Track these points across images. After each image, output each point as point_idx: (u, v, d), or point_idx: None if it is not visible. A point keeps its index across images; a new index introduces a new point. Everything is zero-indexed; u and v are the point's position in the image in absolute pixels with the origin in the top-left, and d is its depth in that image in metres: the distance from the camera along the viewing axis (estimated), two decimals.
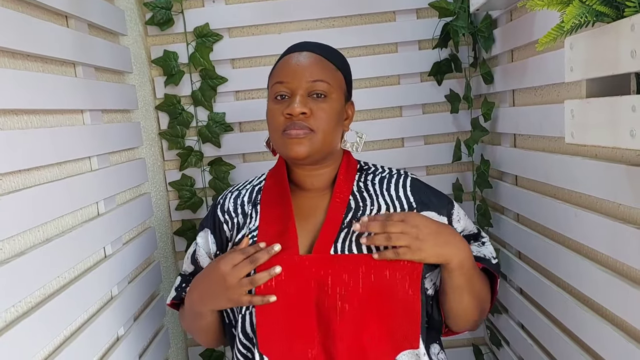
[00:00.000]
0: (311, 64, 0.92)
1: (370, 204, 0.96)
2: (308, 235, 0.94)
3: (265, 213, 0.98)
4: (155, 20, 1.44)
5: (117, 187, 1.16)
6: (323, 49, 0.97)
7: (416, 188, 1.01)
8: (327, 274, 0.89)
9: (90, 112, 1.06)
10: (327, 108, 0.91)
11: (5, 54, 0.80)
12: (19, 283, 0.75)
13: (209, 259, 1.03)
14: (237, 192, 1.05)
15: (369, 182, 1.01)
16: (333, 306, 0.87)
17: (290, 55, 0.94)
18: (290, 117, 0.89)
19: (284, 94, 0.92)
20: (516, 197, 1.25)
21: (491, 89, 1.38)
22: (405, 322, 0.90)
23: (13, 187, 0.79)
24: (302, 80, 0.90)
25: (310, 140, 0.90)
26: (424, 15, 1.49)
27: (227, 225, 1.01)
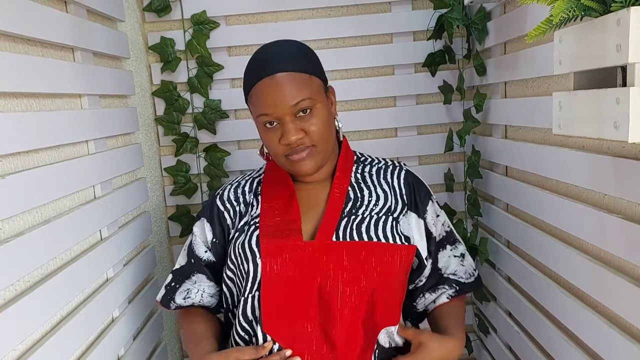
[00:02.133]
0: (288, 87, 0.91)
1: (368, 195, 1.02)
2: (310, 224, 0.99)
3: (267, 203, 1.02)
4: (152, 7, 1.44)
5: (114, 171, 1.17)
6: (292, 61, 0.93)
7: (408, 182, 1.08)
8: (329, 260, 0.93)
9: (88, 96, 1.07)
10: (317, 121, 0.94)
11: (6, 37, 0.81)
12: (18, 263, 0.77)
13: (204, 247, 1.06)
14: (237, 184, 1.09)
15: (367, 174, 1.06)
16: (335, 290, 0.92)
17: (262, 83, 0.92)
18: (288, 145, 0.93)
19: (272, 121, 0.94)
20: (506, 187, 1.28)
21: (484, 81, 1.40)
22: (395, 302, 0.97)
23: (13, 168, 0.80)
24: (285, 107, 0.91)
25: (313, 155, 0.95)
26: (419, 7, 1.51)
27: (229, 214, 1.05)
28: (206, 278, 1.07)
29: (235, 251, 0.99)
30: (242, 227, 1.01)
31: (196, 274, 1.07)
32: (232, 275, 1.02)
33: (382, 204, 1.01)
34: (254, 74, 0.95)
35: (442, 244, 1.09)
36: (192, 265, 1.07)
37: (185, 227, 1.55)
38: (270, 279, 0.93)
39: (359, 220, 0.97)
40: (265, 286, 0.92)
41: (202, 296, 1.06)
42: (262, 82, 0.92)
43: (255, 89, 0.93)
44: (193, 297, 1.06)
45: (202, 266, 1.06)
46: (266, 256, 0.93)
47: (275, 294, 0.92)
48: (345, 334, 0.91)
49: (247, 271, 0.96)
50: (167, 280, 1.09)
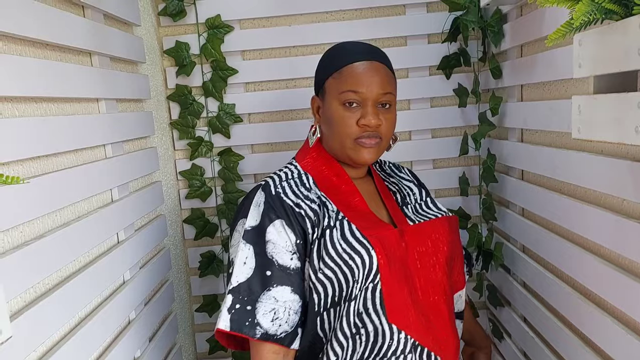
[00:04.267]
0: (382, 77, 0.97)
1: (401, 189, 1.12)
2: (380, 214, 1.02)
3: (335, 198, 0.98)
4: (168, 11, 1.45)
5: (130, 174, 1.18)
6: (384, 58, 1.01)
7: (414, 175, 1.21)
8: (416, 243, 0.98)
9: (105, 101, 1.08)
10: (392, 117, 1.00)
11: (26, 42, 0.83)
12: (38, 265, 0.78)
13: (289, 253, 0.91)
14: (286, 184, 0.97)
15: (384, 173, 1.16)
16: (427, 268, 0.97)
17: (360, 64, 0.97)
18: (365, 127, 0.95)
19: (354, 102, 0.96)
20: (522, 191, 1.27)
21: (499, 84, 1.39)
22: (460, 266, 1.07)
23: (33, 172, 0.81)
24: (375, 92, 0.95)
25: (378, 147, 0.98)
26: (434, 9, 1.50)
27: (306, 213, 0.93)
28: (290, 291, 0.90)
29: (336, 247, 0.90)
30: (329, 224, 0.92)
31: (275, 287, 0.90)
32: (332, 274, 0.90)
33: (417, 192, 1.12)
34: (348, 56, 0.98)
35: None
36: (270, 278, 0.90)
37: (200, 229, 1.56)
38: (385, 269, 0.90)
39: (413, 207, 1.07)
40: (383, 276, 0.90)
41: (289, 315, 0.90)
42: (362, 63, 0.97)
43: (351, 67, 0.97)
44: (282, 317, 0.89)
45: (287, 276, 0.90)
46: (377, 246, 0.91)
47: (391, 284, 0.91)
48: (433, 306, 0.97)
49: (359, 265, 0.89)
50: (228, 303, 0.89)
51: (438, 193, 1.59)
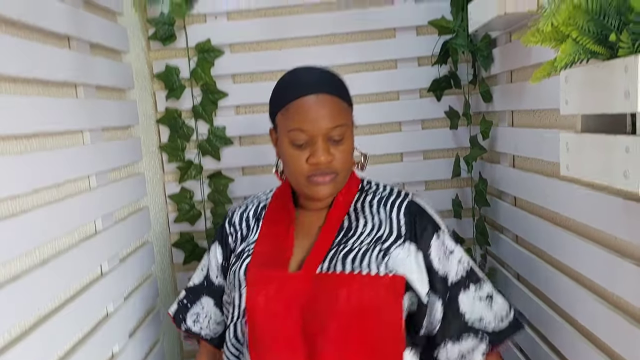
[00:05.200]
0: (330, 110, 0.91)
1: (363, 225, 0.97)
2: (301, 253, 0.97)
3: (266, 229, 1.02)
4: (158, 36, 1.45)
5: (116, 204, 1.16)
6: (334, 86, 0.95)
7: (410, 212, 0.97)
8: (313, 292, 0.90)
9: (90, 132, 1.06)
10: (346, 149, 0.94)
11: (5, 79, 0.81)
12: (15, 307, 0.76)
13: (216, 270, 1.07)
14: (244, 207, 1.09)
15: (367, 203, 1.01)
16: (318, 324, 0.89)
17: (306, 99, 0.91)
18: (315, 165, 0.91)
19: (302, 142, 0.92)
20: (515, 217, 1.25)
21: (490, 107, 1.38)
22: (390, 340, 0.91)
23: (11, 211, 0.80)
24: (323, 128, 0.91)
25: (334, 182, 0.94)
26: (424, 32, 1.49)
27: (232, 238, 1.06)
28: (213, 304, 1.07)
29: (229, 277, 1.00)
30: (240, 253, 1.01)
31: (205, 297, 1.07)
32: (227, 299, 1.03)
33: (374, 233, 0.96)
34: (294, 89, 0.93)
35: (464, 284, 0.95)
36: (204, 287, 1.08)
37: (189, 254, 1.54)
38: (254, 310, 0.91)
39: (347, 251, 0.93)
40: (249, 317, 0.91)
41: (209, 323, 1.07)
42: (306, 99, 0.91)
43: (295, 103, 0.92)
44: (202, 322, 1.08)
45: (212, 290, 1.07)
46: (251, 287, 0.92)
47: (261, 326, 0.91)
48: None
49: (234, 300, 0.96)
50: (181, 295, 1.11)
51: None
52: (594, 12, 0.61)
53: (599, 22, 0.61)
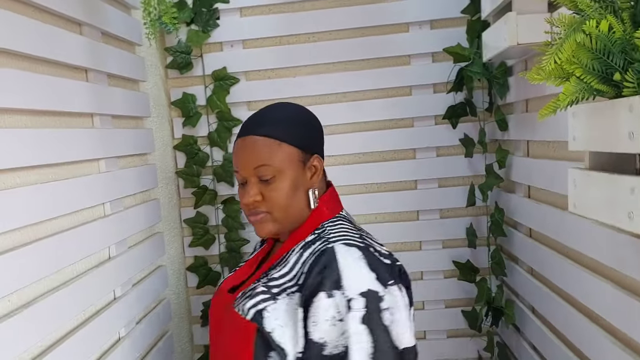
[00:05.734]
0: (253, 151, 0.91)
1: (283, 267, 0.92)
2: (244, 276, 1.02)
3: (253, 255, 1.08)
4: (175, 64, 1.48)
5: (130, 230, 1.18)
6: (267, 125, 0.92)
7: (316, 260, 0.85)
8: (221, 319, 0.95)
9: (105, 160, 1.09)
10: (277, 188, 0.91)
11: (23, 112, 0.84)
12: (30, 330, 0.77)
13: None
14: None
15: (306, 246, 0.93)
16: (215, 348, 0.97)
17: (237, 143, 0.94)
18: (245, 205, 0.93)
19: (242, 182, 0.94)
20: (530, 249, 1.23)
21: (506, 136, 1.37)
22: None
23: (28, 238, 0.82)
24: (249, 169, 0.92)
25: (268, 221, 0.93)
26: (439, 59, 1.49)
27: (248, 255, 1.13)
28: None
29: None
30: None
31: None
32: None
33: (279, 277, 0.90)
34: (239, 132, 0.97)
35: None
36: None
37: (203, 278, 1.55)
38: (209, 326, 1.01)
39: (252, 288, 0.91)
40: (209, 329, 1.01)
41: None
42: (237, 142, 0.95)
43: (234, 145, 0.97)
44: None
45: None
46: (213, 296, 1.03)
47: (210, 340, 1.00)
48: None
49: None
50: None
51: (445, 244, 1.55)
52: (598, 51, 0.60)
53: (604, 61, 0.61)
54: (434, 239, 1.55)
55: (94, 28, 1.08)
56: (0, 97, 0.76)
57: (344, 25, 1.50)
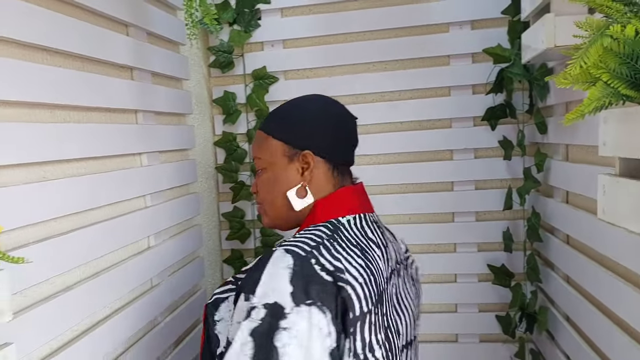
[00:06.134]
0: (254, 144, 0.97)
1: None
2: None
3: None
4: (217, 63, 1.53)
5: (169, 221, 1.24)
6: (266, 118, 0.94)
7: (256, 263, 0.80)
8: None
9: (147, 154, 1.15)
10: (263, 180, 0.93)
11: (71, 108, 0.90)
12: (69, 313, 0.84)
13: None
14: None
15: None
16: None
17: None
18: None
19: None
20: (566, 255, 1.19)
21: (545, 139, 1.34)
22: None
23: (71, 226, 0.88)
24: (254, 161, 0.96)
25: (264, 211, 0.95)
26: (480, 60, 1.47)
27: None
28: None
29: None
30: None
31: None
32: None
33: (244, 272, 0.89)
34: None
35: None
36: None
37: (237, 270, 1.60)
38: None
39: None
40: None
41: None
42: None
43: None
44: None
45: None
46: None
47: None
48: None
49: None
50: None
51: (480, 247, 1.53)
52: (626, 56, 0.59)
53: (632, 66, 0.59)
54: (469, 242, 1.53)
55: (139, 29, 1.14)
56: (51, 93, 0.83)
57: (384, 25, 1.51)
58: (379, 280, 0.81)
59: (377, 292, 0.80)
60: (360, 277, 0.77)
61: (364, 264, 0.79)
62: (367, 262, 0.80)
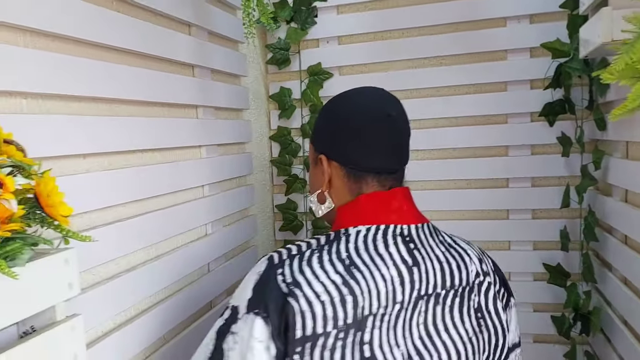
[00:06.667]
0: None
1: None
2: None
3: None
4: (274, 60, 1.59)
5: (225, 210, 1.31)
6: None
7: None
8: None
9: (206, 147, 1.23)
10: (310, 174, 0.93)
11: (135, 103, 0.99)
12: (130, 293, 0.92)
13: None
14: None
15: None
16: None
17: None
18: None
19: None
20: (624, 256, 1.15)
21: (604, 136, 1.29)
22: None
23: (133, 213, 0.97)
24: None
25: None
26: (538, 55, 1.44)
27: None
28: None
29: None
30: None
31: None
32: None
33: None
34: None
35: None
36: None
37: None
38: None
39: None
40: None
41: None
42: None
43: None
44: None
45: None
46: None
47: None
48: None
49: None
50: None
51: (536, 245, 1.50)
52: None
53: None
54: (524, 240, 1.50)
55: (201, 28, 1.21)
56: (117, 89, 0.91)
57: (439, 21, 1.51)
58: (366, 302, 0.71)
59: (355, 315, 0.70)
60: (326, 295, 0.70)
61: (342, 281, 0.71)
62: (348, 279, 0.71)
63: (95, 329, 0.85)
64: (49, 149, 0.75)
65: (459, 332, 0.76)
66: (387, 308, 0.72)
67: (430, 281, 0.76)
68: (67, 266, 0.64)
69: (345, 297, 0.70)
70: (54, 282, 0.62)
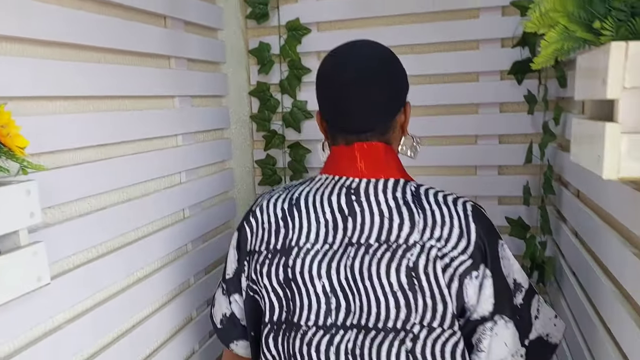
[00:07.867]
0: None
1: None
2: None
3: None
4: (253, 15, 1.62)
5: (200, 161, 1.37)
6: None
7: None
8: None
9: (179, 97, 1.27)
10: None
11: (107, 51, 1.03)
12: (101, 230, 0.99)
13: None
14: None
15: None
16: None
17: None
18: None
19: None
20: (575, 210, 1.21)
21: (566, 93, 1.33)
22: None
23: (104, 155, 1.02)
24: None
25: None
26: (510, 13, 1.46)
27: None
28: None
29: None
30: None
31: None
32: None
33: None
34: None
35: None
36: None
37: None
38: None
39: None
40: None
41: None
42: None
43: None
44: None
45: None
46: None
47: None
48: None
49: None
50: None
51: (501, 200, 1.56)
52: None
53: (588, 9, 0.62)
54: (490, 195, 1.56)
55: None
56: (82, 35, 0.95)
57: None
58: (294, 236, 0.87)
59: (283, 243, 0.88)
60: (267, 224, 0.91)
61: (282, 215, 0.90)
62: (287, 215, 0.89)
63: (67, 260, 0.92)
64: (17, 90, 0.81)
65: (382, 283, 0.80)
66: (315, 245, 0.86)
67: (365, 232, 0.84)
68: (28, 196, 0.71)
69: (280, 229, 0.89)
70: (16, 210, 0.69)
